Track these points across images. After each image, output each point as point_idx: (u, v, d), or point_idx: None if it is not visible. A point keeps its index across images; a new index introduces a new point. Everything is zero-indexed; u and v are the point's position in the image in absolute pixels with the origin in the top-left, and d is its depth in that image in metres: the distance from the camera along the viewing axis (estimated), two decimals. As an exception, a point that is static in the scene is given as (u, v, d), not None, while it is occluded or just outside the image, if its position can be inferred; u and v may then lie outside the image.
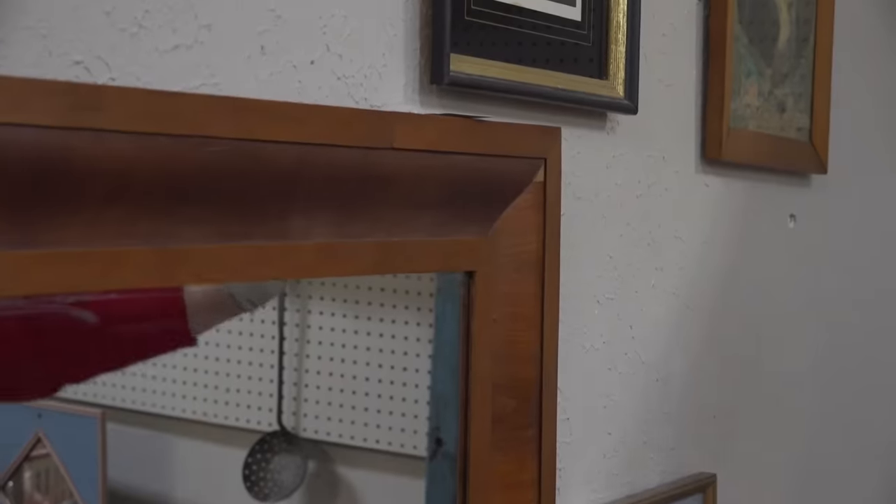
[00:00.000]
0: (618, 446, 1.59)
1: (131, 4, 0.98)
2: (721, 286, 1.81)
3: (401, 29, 1.23)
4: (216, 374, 1.29)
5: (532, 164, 1.29)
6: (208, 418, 1.29)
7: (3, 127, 0.82)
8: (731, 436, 1.85)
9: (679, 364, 1.72)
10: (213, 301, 1.16)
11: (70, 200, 0.88)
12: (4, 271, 0.85)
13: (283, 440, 1.31)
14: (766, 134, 1.87)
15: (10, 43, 0.90)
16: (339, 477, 1.34)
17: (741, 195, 1.86)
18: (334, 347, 1.32)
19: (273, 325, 1.30)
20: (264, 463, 1.31)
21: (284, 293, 1.30)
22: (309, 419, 1.32)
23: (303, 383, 1.32)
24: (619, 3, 1.48)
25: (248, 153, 0.99)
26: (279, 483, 1.31)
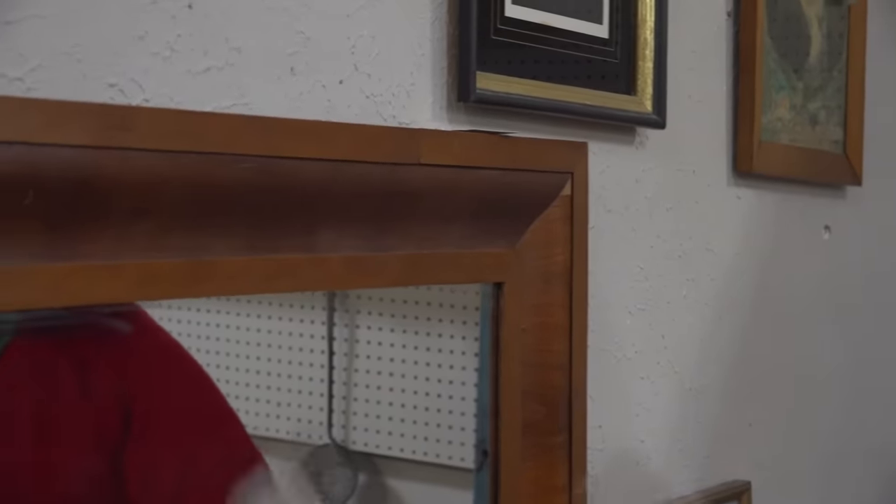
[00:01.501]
0: (651, 454, 1.59)
1: (164, 29, 1.00)
2: (754, 297, 1.81)
3: (428, 49, 1.24)
4: (268, 388, 1.30)
5: (559, 178, 1.30)
6: (260, 432, 1.30)
7: (40, 147, 0.84)
8: (766, 443, 1.84)
9: (712, 373, 1.72)
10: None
11: (104, 215, 0.90)
12: (41, 283, 0.86)
13: (333, 453, 1.32)
14: (798, 147, 1.87)
15: (48, 67, 0.92)
16: (389, 489, 1.35)
17: (774, 207, 1.86)
18: (382, 361, 1.33)
19: (322, 339, 1.31)
20: (316, 476, 1.32)
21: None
22: (359, 432, 1.33)
23: (352, 397, 1.32)
24: (647, 20, 1.49)
25: (277, 170, 1.00)
26: (330, 495, 1.32)
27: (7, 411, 1.08)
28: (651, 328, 1.59)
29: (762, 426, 1.84)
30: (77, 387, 1.11)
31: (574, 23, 1.39)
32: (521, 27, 1.32)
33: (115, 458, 1.12)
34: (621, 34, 1.46)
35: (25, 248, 0.86)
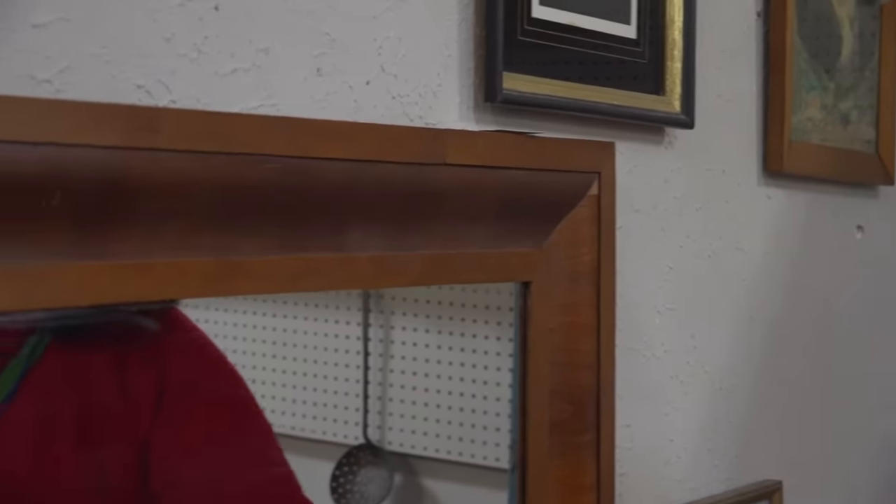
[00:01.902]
0: (680, 453, 1.59)
1: (191, 31, 1.01)
2: (785, 297, 1.80)
3: (455, 50, 1.25)
4: (304, 388, 1.30)
5: (586, 178, 1.30)
6: (296, 432, 1.30)
7: (68, 147, 0.85)
8: (797, 443, 1.84)
9: (743, 373, 1.72)
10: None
11: (132, 215, 0.90)
12: (69, 281, 0.87)
13: (369, 453, 1.32)
14: (829, 146, 1.86)
15: (77, 69, 0.93)
16: (425, 489, 1.35)
17: (805, 207, 1.86)
18: (417, 362, 1.33)
19: (358, 340, 1.31)
20: (351, 476, 1.32)
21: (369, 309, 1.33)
22: (394, 432, 1.33)
23: (387, 397, 1.33)
24: (675, 20, 1.49)
25: (304, 170, 1.01)
26: (366, 495, 1.32)
27: (48, 414, 1.08)
28: (680, 328, 1.59)
29: (794, 426, 1.84)
30: (115, 387, 1.12)
31: (602, 23, 1.40)
32: (548, 28, 1.32)
33: (145, 452, 1.13)
34: (649, 34, 1.46)
35: (53, 247, 0.87)
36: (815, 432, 1.89)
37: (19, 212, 0.85)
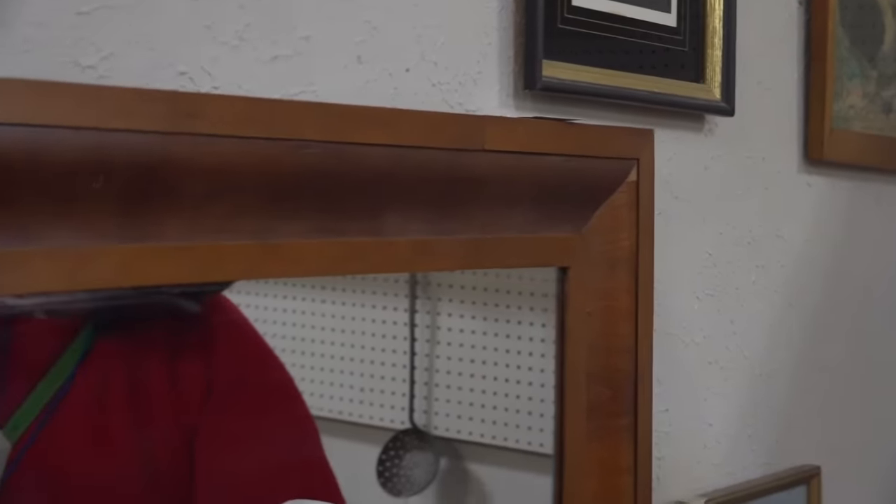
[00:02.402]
0: (719, 437, 1.58)
1: (232, 18, 1.02)
2: (825, 284, 1.79)
3: (495, 38, 1.25)
4: (351, 373, 1.30)
5: (625, 165, 1.29)
6: (343, 416, 1.30)
7: (111, 133, 0.86)
8: (837, 429, 1.83)
9: (782, 359, 1.71)
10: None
11: (174, 199, 0.91)
12: (112, 263, 0.88)
13: (415, 438, 1.32)
14: (871, 134, 1.85)
15: (121, 56, 0.94)
16: (470, 473, 1.35)
17: (847, 194, 1.84)
18: (463, 348, 1.33)
19: (405, 326, 1.32)
20: (397, 459, 1.32)
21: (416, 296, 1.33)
22: (440, 417, 1.33)
23: (433, 383, 1.33)
24: (715, 8, 1.48)
25: (343, 155, 1.01)
26: (412, 479, 1.33)
27: (102, 400, 1.09)
28: (719, 313, 1.58)
29: (833, 412, 1.83)
30: (165, 374, 1.13)
31: (642, 11, 1.39)
32: (588, 16, 1.32)
33: (192, 438, 1.13)
34: (689, 23, 1.46)
35: (97, 229, 0.88)
36: (854, 419, 1.88)
37: (63, 195, 0.86)
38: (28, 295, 1.01)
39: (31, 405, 1.04)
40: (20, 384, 1.05)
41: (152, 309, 1.10)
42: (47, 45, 0.91)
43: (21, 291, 0.88)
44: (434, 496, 1.35)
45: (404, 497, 1.34)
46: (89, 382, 1.08)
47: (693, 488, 1.53)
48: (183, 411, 1.13)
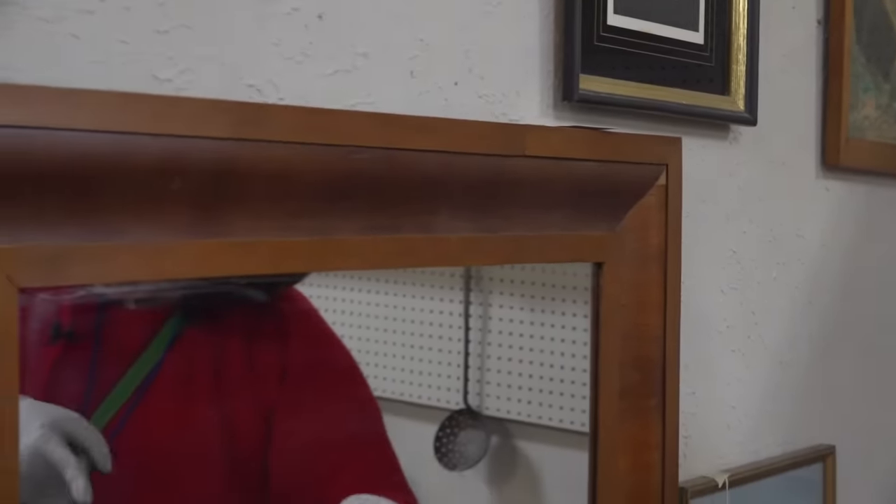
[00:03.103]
0: (742, 418, 1.57)
1: (297, 37, 1.02)
2: (841, 280, 1.77)
3: (536, 54, 1.24)
4: (412, 359, 1.30)
5: (655, 170, 1.28)
6: (405, 397, 1.30)
7: (186, 139, 0.86)
8: (851, 412, 1.81)
9: (801, 348, 1.70)
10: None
11: (242, 199, 0.91)
12: (187, 257, 0.89)
13: (468, 417, 1.32)
14: (884, 143, 1.83)
15: (196, 70, 0.95)
16: (519, 450, 1.34)
17: (863, 198, 1.82)
18: (512, 336, 1.33)
19: (460, 317, 1.31)
20: (452, 437, 1.32)
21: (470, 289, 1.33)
22: (491, 399, 1.32)
23: (485, 367, 1.32)
24: (740, 27, 1.47)
25: (397, 160, 1.01)
26: (465, 455, 1.32)
27: (188, 383, 1.10)
28: (742, 306, 1.57)
29: (847, 397, 1.81)
30: (244, 360, 1.13)
31: (672, 30, 1.38)
32: (622, 34, 1.32)
33: (268, 420, 1.13)
34: (716, 40, 1.45)
35: (173, 226, 0.88)
36: (866, 403, 1.86)
37: (144, 195, 0.86)
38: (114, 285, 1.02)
39: (121, 390, 1.05)
40: (111, 371, 1.06)
41: (233, 300, 1.10)
42: (130, 60, 0.92)
43: (107, 281, 0.88)
44: (485, 470, 1.34)
45: (459, 471, 1.33)
46: (176, 367, 1.08)
47: (717, 465, 1.52)
48: (260, 392, 1.13)
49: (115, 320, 1.07)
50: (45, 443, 0.95)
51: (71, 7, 0.88)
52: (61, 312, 1.03)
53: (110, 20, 0.90)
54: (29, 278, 0.80)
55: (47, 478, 0.96)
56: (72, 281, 0.83)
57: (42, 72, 0.86)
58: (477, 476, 1.34)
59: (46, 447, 0.95)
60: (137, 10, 0.92)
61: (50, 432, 0.96)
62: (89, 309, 1.05)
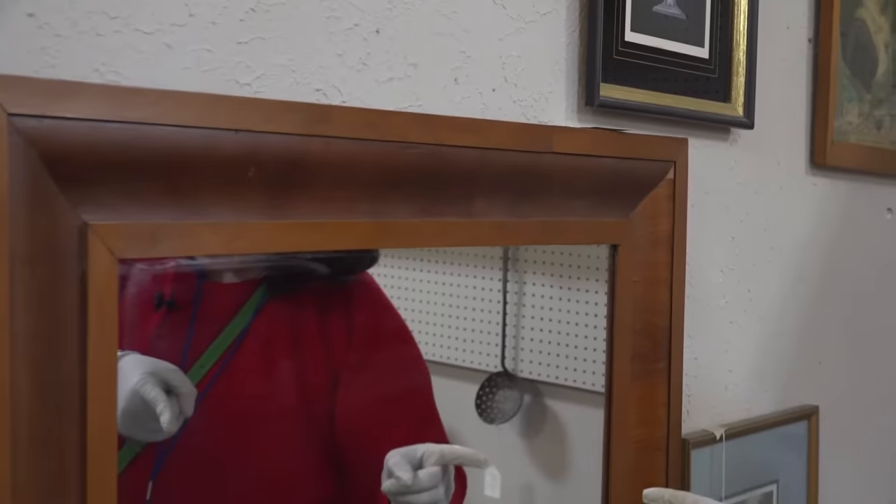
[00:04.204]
0: (737, 381, 1.56)
1: (357, 49, 1.02)
2: (826, 262, 1.76)
3: (563, 65, 1.24)
4: (457, 328, 1.31)
5: (664, 166, 1.28)
6: (450, 361, 1.31)
7: (261, 134, 0.87)
8: (833, 377, 1.79)
9: (790, 321, 1.68)
10: None
11: (309, 186, 0.92)
12: (262, 235, 0.89)
13: (505, 378, 1.32)
14: (865, 146, 1.81)
15: (269, 76, 0.95)
16: (548, 407, 1.34)
17: (845, 192, 1.80)
18: (544, 310, 1.32)
19: (498, 293, 1.32)
20: (491, 395, 1.32)
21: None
22: (524, 363, 1.32)
23: (520, 336, 1.32)
24: (740, 44, 1.46)
25: (441, 154, 1.02)
26: (502, 411, 1.33)
27: (270, 345, 1.10)
28: (739, 284, 1.56)
29: (830, 363, 1.79)
30: (316, 326, 1.13)
31: (681, 46, 1.37)
32: (637, 49, 1.31)
33: (336, 381, 1.13)
34: (719, 55, 1.44)
35: (250, 209, 0.89)
36: (846, 368, 1.84)
37: (225, 181, 0.87)
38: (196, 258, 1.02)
39: (213, 351, 1.06)
40: (204, 335, 1.07)
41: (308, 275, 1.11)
42: (215, 67, 0.92)
43: (192, 254, 0.89)
44: (518, 424, 1.34)
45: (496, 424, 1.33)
46: (260, 333, 1.08)
47: (715, 420, 1.51)
48: (330, 353, 1.13)
49: (210, 292, 1.08)
50: (143, 385, 0.97)
51: (165, 21, 0.89)
52: (164, 284, 1.05)
53: (198, 32, 0.91)
54: (127, 251, 0.81)
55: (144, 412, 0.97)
56: (163, 254, 0.84)
57: (141, 75, 0.87)
58: (511, 429, 1.34)
59: (143, 388, 0.97)
60: (221, 24, 0.92)
61: (148, 377, 0.97)
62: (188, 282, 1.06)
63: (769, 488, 1.58)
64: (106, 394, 0.80)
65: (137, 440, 1.01)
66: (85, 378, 0.79)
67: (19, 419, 0.76)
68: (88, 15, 0.84)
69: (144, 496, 1.02)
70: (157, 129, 0.81)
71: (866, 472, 1.92)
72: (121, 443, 0.85)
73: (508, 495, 1.34)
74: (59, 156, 0.77)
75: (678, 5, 1.36)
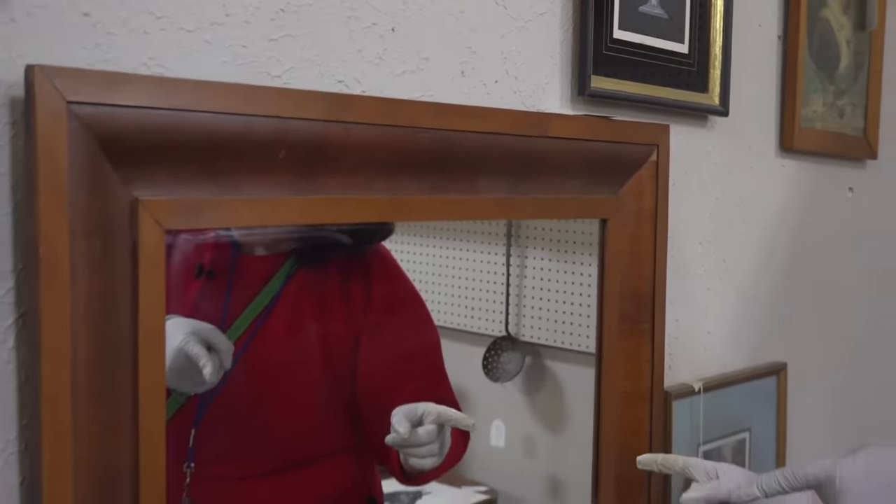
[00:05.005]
0: (714, 340, 1.56)
1: (375, 45, 1.02)
2: (794, 235, 1.75)
3: (558, 59, 1.23)
4: (466, 297, 1.31)
5: (649, 149, 1.28)
6: (460, 326, 1.32)
7: (290, 120, 0.88)
8: (799, 337, 1.79)
9: (763, 288, 1.68)
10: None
11: (332, 166, 0.92)
12: (292, 209, 0.90)
13: (508, 342, 1.33)
14: (829, 131, 1.80)
15: (297, 69, 0.95)
16: (547, 367, 1.35)
17: (811, 173, 1.79)
18: (543, 281, 1.33)
19: (502, 265, 1.32)
20: (496, 356, 1.33)
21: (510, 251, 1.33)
22: (526, 328, 1.33)
23: (522, 304, 1.32)
24: (716, 40, 1.45)
25: (449, 139, 1.01)
26: (506, 370, 1.33)
27: (297, 310, 1.10)
28: (715, 254, 1.56)
29: (797, 325, 1.79)
30: (339, 292, 1.13)
31: (663, 42, 1.37)
32: (624, 45, 1.30)
33: (356, 344, 1.13)
34: (698, 50, 1.43)
35: (281, 186, 0.89)
36: (812, 330, 1.84)
37: (259, 162, 0.88)
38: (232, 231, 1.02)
39: (247, 314, 1.06)
40: (239, 300, 1.07)
41: (331, 246, 1.11)
42: (249, 61, 0.92)
43: (228, 226, 0.89)
44: (521, 382, 1.35)
45: (500, 383, 1.34)
46: (289, 299, 1.09)
47: (694, 375, 1.51)
48: (351, 317, 1.13)
49: (244, 263, 1.08)
50: (187, 343, 0.97)
51: (206, 20, 0.89)
52: (203, 255, 1.05)
53: (234, 30, 0.91)
54: (173, 223, 0.82)
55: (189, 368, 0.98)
56: (204, 225, 0.84)
57: (184, 68, 0.87)
58: (514, 387, 1.35)
59: (187, 346, 0.97)
60: (255, 23, 0.92)
61: (191, 336, 0.98)
62: (224, 254, 1.07)
63: (742, 436, 1.58)
64: (155, 349, 0.80)
65: (182, 392, 1.02)
66: (136, 335, 0.80)
67: (79, 371, 0.77)
68: (137, 14, 0.84)
69: (188, 442, 1.03)
70: (198, 115, 0.82)
71: (829, 421, 1.93)
72: (167, 395, 0.86)
73: (512, 445, 1.35)
74: (112, 139, 0.77)
75: (661, 5, 1.35)
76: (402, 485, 1.13)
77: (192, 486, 1.01)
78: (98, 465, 0.78)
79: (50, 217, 0.74)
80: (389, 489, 1.21)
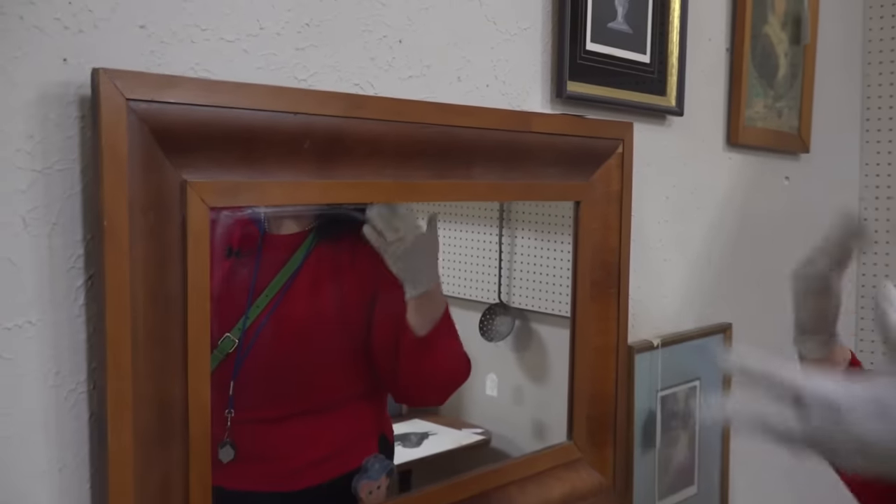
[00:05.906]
0: (670, 304, 1.56)
1: (386, 55, 1.02)
2: (739, 215, 1.75)
3: (539, 67, 1.23)
4: (467, 271, 1.30)
5: (615, 143, 1.27)
6: (461, 295, 1.31)
7: (313, 116, 0.88)
8: (743, 301, 1.79)
9: (713, 260, 1.67)
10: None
11: (348, 156, 0.92)
12: (314, 191, 0.90)
13: (501, 308, 1.32)
14: (769, 129, 1.79)
15: (319, 74, 0.95)
16: (533, 329, 1.34)
17: (754, 164, 1.79)
18: (530, 257, 1.32)
19: (495, 242, 1.31)
20: (490, 320, 1.32)
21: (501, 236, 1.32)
22: (515, 296, 1.32)
23: (512, 276, 1.32)
24: (674, 52, 1.44)
25: (449, 133, 1.02)
26: (499, 332, 1.32)
27: (317, 280, 1.08)
28: (672, 231, 1.55)
29: (741, 291, 1.79)
30: (354, 263, 1.11)
31: (629, 53, 1.36)
32: (596, 55, 1.29)
33: (370, 312, 1.10)
34: (657, 60, 1.42)
35: (305, 171, 0.89)
36: (753, 295, 1.84)
37: (287, 152, 0.88)
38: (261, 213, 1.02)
39: (275, 284, 1.05)
40: (266, 273, 1.06)
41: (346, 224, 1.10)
42: (279, 67, 0.92)
43: (262, 205, 0.89)
44: (512, 341, 1.34)
45: (494, 342, 1.33)
46: (310, 270, 1.07)
47: (653, 332, 1.51)
48: (364, 284, 1.11)
49: (270, 241, 1.06)
50: None
51: (243, 32, 0.89)
52: (232, 238, 1.04)
53: (267, 41, 0.91)
54: (215, 200, 0.82)
55: None
56: (242, 204, 0.84)
57: (225, 72, 0.87)
58: (506, 346, 1.34)
59: None
60: (284, 34, 0.92)
61: None
62: (252, 235, 1.05)
63: (694, 384, 1.58)
64: (201, 304, 0.81)
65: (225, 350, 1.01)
66: (186, 292, 0.80)
67: (138, 322, 0.78)
68: (185, 27, 0.84)
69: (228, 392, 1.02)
70: (236, 111, 0.82)
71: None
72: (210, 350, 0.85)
73: (503, 394, 1.35)
74: (164, 130, 0.78)
75: (627, 22, 1.35)
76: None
77: (232, 429, 1.01)
78: (154, 400, 0.79)
79: (112, 195, 0.75)
80: (400, 431, 1.21)
